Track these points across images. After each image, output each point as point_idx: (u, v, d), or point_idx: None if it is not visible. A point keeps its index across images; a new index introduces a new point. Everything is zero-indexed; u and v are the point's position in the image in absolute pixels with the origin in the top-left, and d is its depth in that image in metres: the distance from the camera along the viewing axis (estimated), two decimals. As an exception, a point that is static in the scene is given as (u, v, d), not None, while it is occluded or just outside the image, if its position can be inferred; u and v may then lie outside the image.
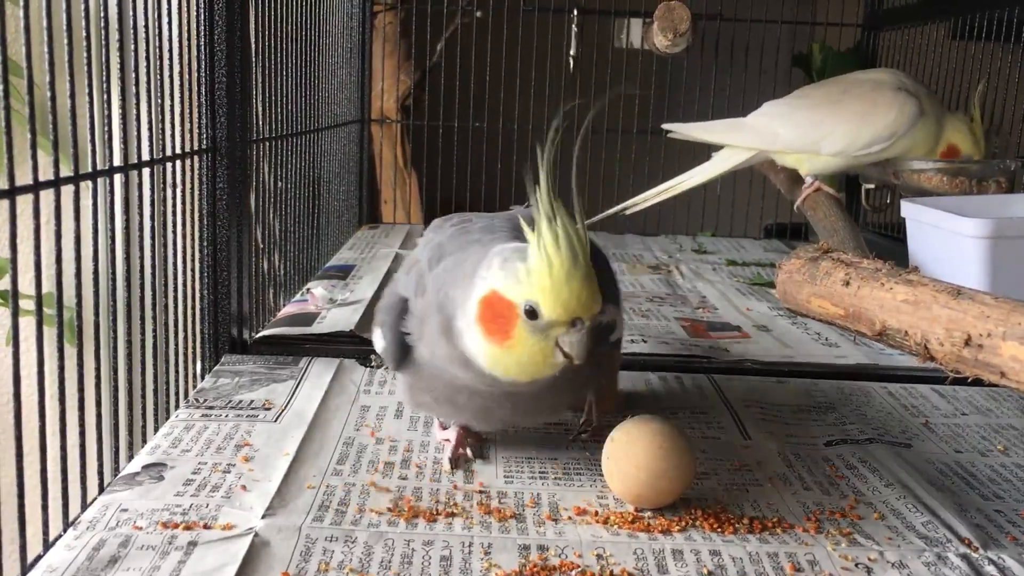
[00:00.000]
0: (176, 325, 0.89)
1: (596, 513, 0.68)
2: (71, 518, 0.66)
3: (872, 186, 1.53)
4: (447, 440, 0.78)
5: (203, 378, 0.94)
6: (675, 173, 1.46)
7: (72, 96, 0.68)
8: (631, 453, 0.68)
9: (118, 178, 0.77)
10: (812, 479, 0.76)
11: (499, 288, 0.62)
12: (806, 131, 1.35)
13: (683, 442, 0.68)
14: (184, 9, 0.89)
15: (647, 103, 1.86)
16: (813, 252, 0.90)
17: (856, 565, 0.62)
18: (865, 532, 0.67)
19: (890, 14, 1.90)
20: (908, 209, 1.18)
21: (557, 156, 0.63)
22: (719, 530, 0.66)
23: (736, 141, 1.41)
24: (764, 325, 1.20)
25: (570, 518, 0.67)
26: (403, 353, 0.73)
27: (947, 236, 1.08)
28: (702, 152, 1.51)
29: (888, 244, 1.63)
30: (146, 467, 0.72)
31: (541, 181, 0.61)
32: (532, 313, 0.61)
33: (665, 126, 1.46)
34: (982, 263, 1.03)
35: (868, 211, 1.67)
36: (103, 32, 0.73)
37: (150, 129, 0.82)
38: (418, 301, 0.71)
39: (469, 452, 0.77)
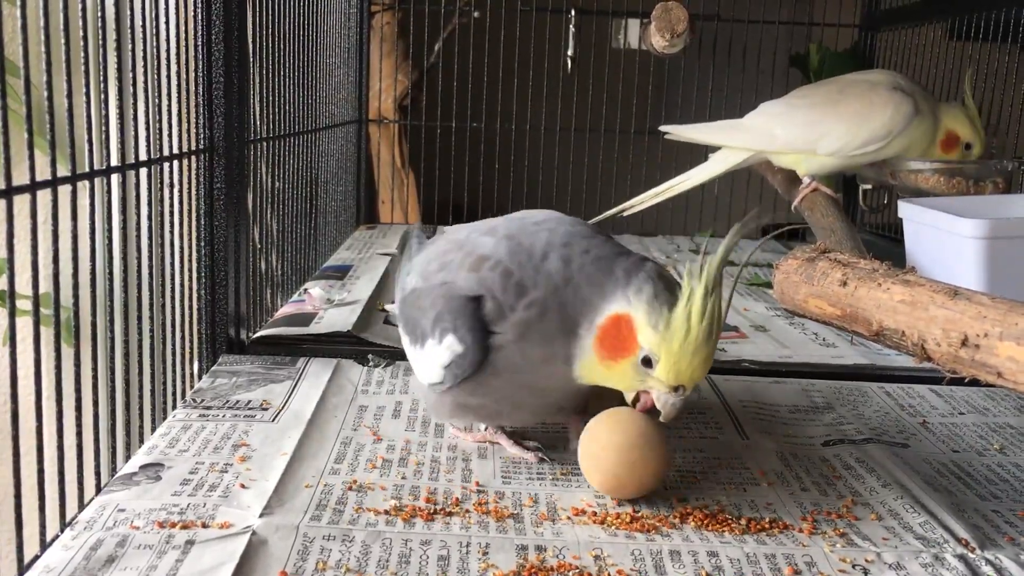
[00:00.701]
0: (173, 325, 0.89)
1: (594, 514, 0.68)
2: (68, 518, 0.65)
3: (869, 186, 1.53)
4: (493, 442, 0.79)
5: (200, 378, 0.94)
6: (673, 174, 1.46)
7: (69, 96, 0.68)
8: (605, 442, 0.69)
9: (115, 178, 0.77)
10: (809, 479, 0.76)
11: (636, 319, 0.65)
12: (803, 131, 1.35)
13: (657, 430, 0.69)
14: (181, 9, 0.89)
15: (645, 104, 1.86)
16: (810, 252, 0.90)
17: (853, 566, 0.63)
18: (862, 533, 0.67)
19: (887, 15, 1.90)
20: (905, 209, 1.18)
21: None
22: (716, 531, 0.66)
23: (733, 142, 1.41)
24: (761, 325, 1.20)
25: (568, 518, 0.67)
26: (482, 358, 0.69)
27: (944, 237, 1.08)
28: (700, 153, 1.51)
29: (885, 244, 1.64)
30: (143, 467, 0.72)
31: (719, 255, 0.63)
32: (648, 362, 0.65)
33: (662, 128, 1.46)
34: (979, 263, 1.03)
35: (865, 211, 1.67)
36: (100, 32, 0.72)
37: (147, 129, 0.82)
38: (518, 300, 0.68)
39: (531, 444, 0.78)
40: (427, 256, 0.77)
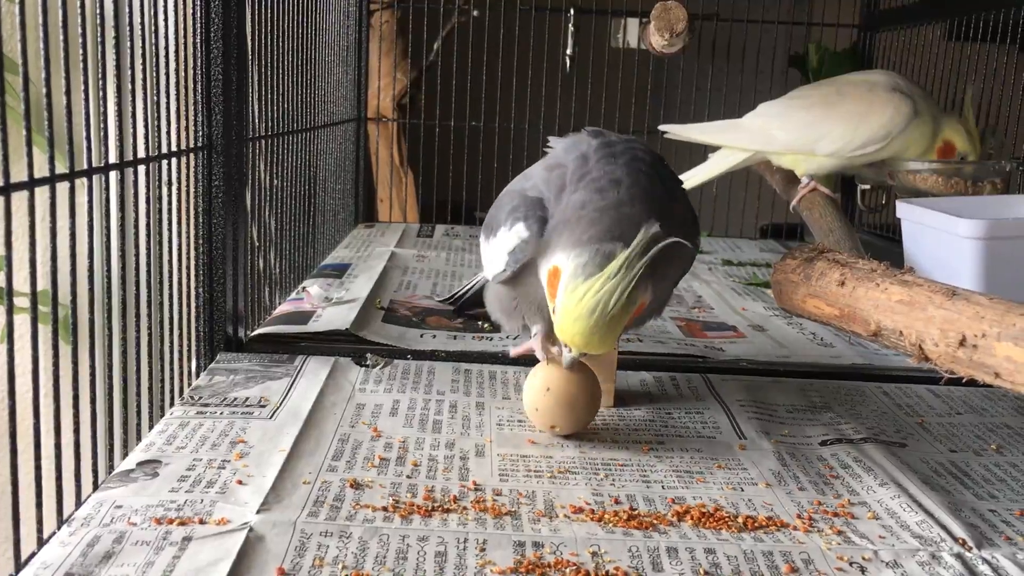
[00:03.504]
0: (171, 323, 0.89)
1: (592, 511, 0.68)
2: (65, 515, 0.65)
3: (868, 187, 1.53)
4: (532, 348, 0.87)
5: (198, 376, 0.94)
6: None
7: (68, 93, 0.68)
8: (540, 387, 0.80)
9: (113, 175, 0.77)
10: (807, 478, 0.76)
11: (564, 271, 0.72)
12: (802, 132, 1.35)
13: (586, 375, 0.80)
14: (180, 6, 0.89)
15: (643, 103, 1.86)
16: (808, 252, 0.90)
17: (850, 564, 0.63)
18: (860, 531, 0.67)
19: (886, 15, 1.90)
20: (903, 210, 1.18)
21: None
22: (714, 528, 0.66)
23: (732, 142, 1.41)
24: (759, 325, 1.20)
25: (565, 516, 0.67)
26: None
27: (942, 237, 1.08)
28: (699, 152, 1.51)
29: (884, 245, 1.64)
30: (141, 464, 0.72)
31: (636, 246, 0.69)
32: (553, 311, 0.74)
33: (662, 127, 1.47)
34: (977, 264, 1.03)
35: (864, 212, 1.68)
36: (99, 29, 0.72)
37: (146, 126, 0.82)
38: (557, 207, 0.78)
39: (554, 350, 0.84)
40: (515, 180, 0.88)
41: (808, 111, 1.36)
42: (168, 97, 0.86)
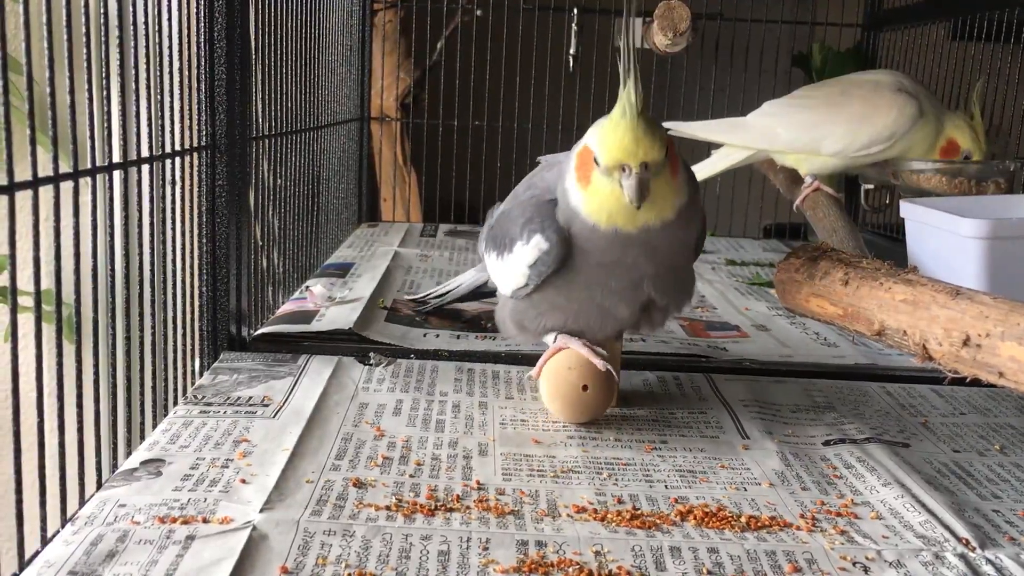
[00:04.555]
0: (175, 322, 0.89)
1: (595, 511, 0.68)
2: (69, 514, 0.66)
3: (871, 186, 1.53)
4: (565, 347, 0.84)
5: (202, 375, 0.94)
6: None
7: (71, 92, 0.68)
8: (564, 375, 0.82)
9: (117, 175, 0.77)
10: (810, 478, 0.76)
11: (587, 142, 0.75)
12: (806, 131, 1.35)
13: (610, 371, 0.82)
14: (184, 6, 0.89)
15: (647, 102, 1.86)
16: (812, 252, 0.90)
17: (854, 564, 0.63)
18: (863, 531, 0.67)
19: (890, 14, 1.90)
20: (907, 209, 1.18)
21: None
22: (717, 528, 0.66)
23: (736, 140, 1.41)
24: (763, 325, 1.20)
25: (568, 515, 0.67)
26: (565, 252, 0.78)
27: (946, 236, 1.08)
28: (701, 151, 1.51)
29: (887, 244, 1.64)
30: (144, 463, 0.72)
31: (623, 54, 0.75)
32: (595, 160, 0.74)
33: (665, 124, 1.46)
34: (981, 263, 1.03)
35: (867, 211, 1.67)
36: (103, 28, 0.73)
37: (150, 126, 0.82)
38: (559, 187, 0.79)
39: (597, 348, 0.83)
40: (513, 192, 0.88)
41: (812, 111, 1.36)
42: (172, 96, 0.86)
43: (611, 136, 0.73)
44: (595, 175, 0.74)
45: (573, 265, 0.79)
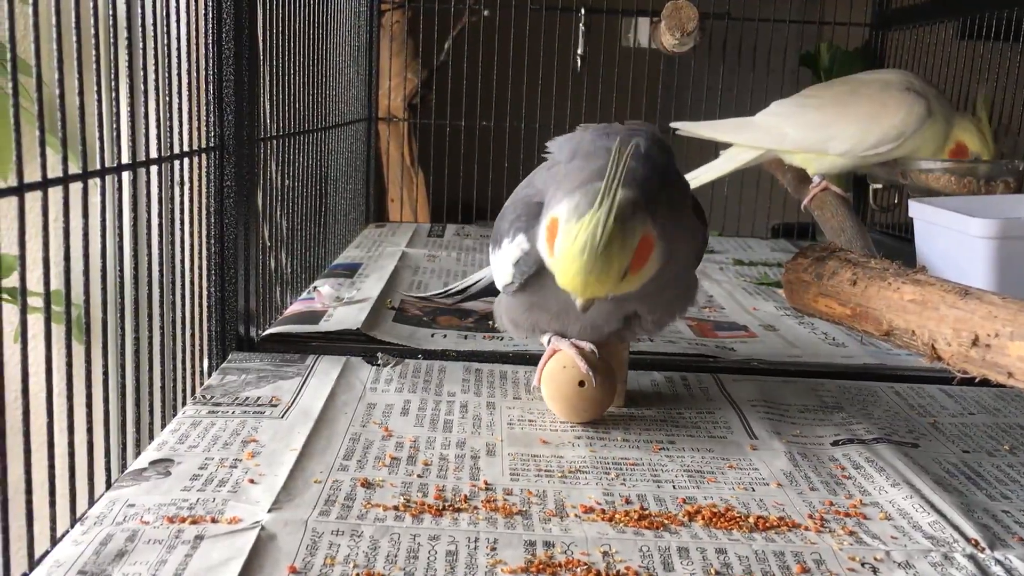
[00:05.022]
0: (183, 322, 0.89)
1: (602, 511, 0.68)
2: (78, 514, 0.66)
3: (880, 186, 1.53)
4: (557, 349, 0.85)
5: (210, 375, 0.94)
6: (682, 172, 1.46)
7: (81, 94, 0.68)
8: (564, 376, 0.82)
9: (126, 176, 0.77)
10: (818, 478, 0.76)
11: (559, 222, 0.70)
12: (814, 130, 1.35)
13: (604, 366, 0.83)
14: (192, 7, 0.89)
15: (654, 102, 1.86)
16: (820, 252, 0.90)
17: (862, 565, 0.62)
18: (871, 531, 0.67)
19: (898, 14, 1.90)
20: (916, 209, 1.18)
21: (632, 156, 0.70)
22: (725, 528, 0.66)
23: (744, 140, 1.41)
24: (771, 325, 1.20)
25: (576, 515, 0.67)
26: (541, 260, 0.76)
27: (955, 236, 1.08)
28: (709, 153, 1.51)
29: (895, 244, 1.63)
30: (153, 463, 0.72)
31: (611, 173, 0.68)
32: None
33: (673, 124, 1.46)
34: (989, 263, 1.03)
35: (875, 211, 1.67)
36: (111, 30, 0.73)
37: (158, 127, 0.82)
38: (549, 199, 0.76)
39: (587, 347, 0.83)
40: (520, 185, 0.87)
41: (821, 110, 1.36)
42: (180, 98, 0.87)
43: (566, 263, 0.69)
44: (554, 260, 0.72)
45: (547, 283, 0.78)
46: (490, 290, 1.08)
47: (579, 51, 1.88)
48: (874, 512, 0.70)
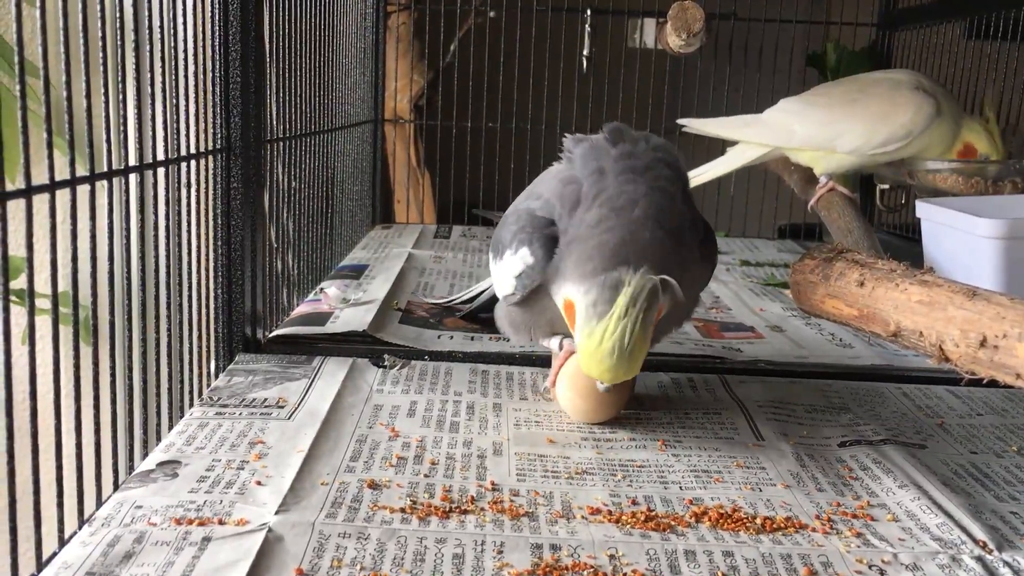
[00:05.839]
0: (190, 324, 0.89)
1: (609, 513, 0.68)
2: (86, 515, 0.66)
3: (887, 186, 1.52)
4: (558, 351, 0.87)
5: (217, 377, 0.95)
6: (689, 170, 1.45)
7: (88, 96, 0.68)
8: (581, 378, 0.80)
9: (133, 178, 0.77)
10: (826, 480, 0.76)
11: (577, 308, 0.73)
12: (822, 128, 1.34)
13: None
14: (199, 9, 0.89)
15: (661, 102, 1.86)
16: (827, 252, 0.90)
17: (870, 567, 0.62)
18: (879, 533, 0.67)
19: (905, 14, 1.89)
20: (923, 209, 1.18)
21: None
22: (732, 530, 0.66)
23: (751, 137, 1.41)
24: (777, 326, 1.20)
25: (583, 517, 0.67)
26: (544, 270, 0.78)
27: (962, 237, 1.08)
28: (716, 150, 1.51)
29: (903, 245, 1.63)
30: (160, 464, 0.73)
31: (636, 288, 0.71)
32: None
33: (680, 121, 1.46)
34: (997, 264, 1.02)
35: (883, 211, 1.67)
36: (118, 32, 0.73)
37: (165, 129, 0.82)
38: (570, 223, 0.77)
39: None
40: (523, 193, 0.88)
41: (829, 108, 1.35)
42: (187, 100, 0.87)
43: (593, 361, 0.72)
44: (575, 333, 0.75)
45: (548, 296, 0.80)
46: (493, 303, 1.09)
47: (585, 52, 1.88)
48: (881, 513, 0.70)
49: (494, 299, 1.09)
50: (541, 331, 0.88)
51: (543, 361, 0.99)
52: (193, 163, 0.88)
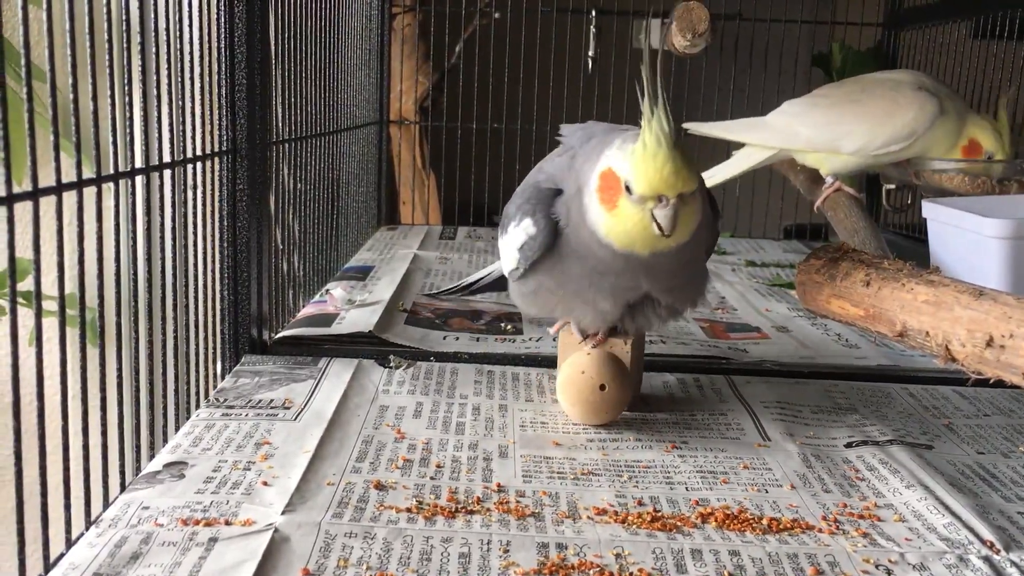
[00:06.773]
0: (197, 326, 0.89)
1: (615, 513, 0.68)
2: (93, 516, 0.66)
3: (893, 186, 1.52)
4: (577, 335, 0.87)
5: (223, 378, 0.95)
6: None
7: (94, 99, 0.68)
8: (579, 378, 0.82)
9: (139, 180, 0.77)
10: (832, 480, 0.75)
11: (613, 165, 0.73)
12: (826, 129, 1.34)
13: (618, 367, 0.83)
14: (204, 11, 0.89)
15: (666, 103, 1.86)
16: (833, 252, 0.90)
17: (876, 567, 0.62)
18: (886, 533, 0.67)
19: (910, 13, 1.89)
20: (929, 209, 1.17)
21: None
22: (738, 530, 0.66)
23: (756, 139, 1.41)
24: (783, 326, 1.20)
25: (589, 517, 0.67)
26: (551, 241, 0.78)
27: (968, 236, 1.07)
28: (721, 153, 1.51)
29: (909, 244, 1.62)
30: (167, 465, 0.73)
31: (647, 81, 0.72)
32: (628, 188, 0.72)
33: (685, 124, 1.46)
34: (1003, 263, 1.02)
35: (889, 211, 1.66)
36: (124, 35, 0.73)
37: (171, 131, 0.82)
38: (568, 182, 0.78)
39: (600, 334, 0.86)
40: (532, 171, 0.88)
41: (833, 109, 1.35)
42: (193, 102, 0.87)
43: (649, 166, 0.70)
44: (623, 201, 0.72)
45: (563, 257, 0.80)
46: (500, 283, 1.08)
47: (590, 53, 1.88)
48: (888, 514, 0.70)
49: (496, 282, 1.09)
50: (539, 306, 0.87)
51: (548, 362, 0.99)
52: (199, 165, 0.89)
